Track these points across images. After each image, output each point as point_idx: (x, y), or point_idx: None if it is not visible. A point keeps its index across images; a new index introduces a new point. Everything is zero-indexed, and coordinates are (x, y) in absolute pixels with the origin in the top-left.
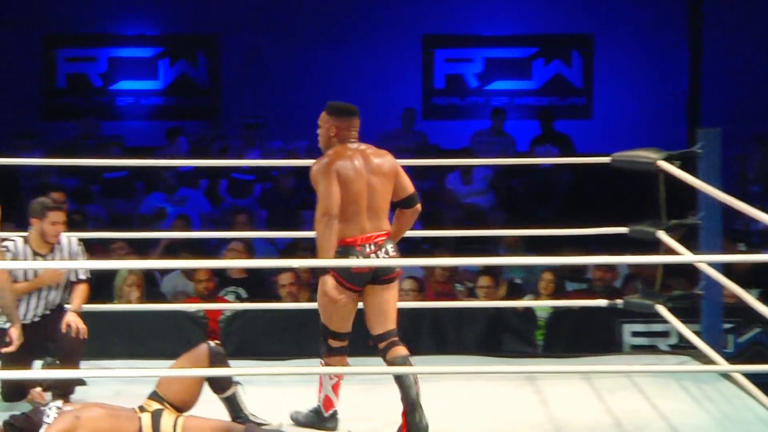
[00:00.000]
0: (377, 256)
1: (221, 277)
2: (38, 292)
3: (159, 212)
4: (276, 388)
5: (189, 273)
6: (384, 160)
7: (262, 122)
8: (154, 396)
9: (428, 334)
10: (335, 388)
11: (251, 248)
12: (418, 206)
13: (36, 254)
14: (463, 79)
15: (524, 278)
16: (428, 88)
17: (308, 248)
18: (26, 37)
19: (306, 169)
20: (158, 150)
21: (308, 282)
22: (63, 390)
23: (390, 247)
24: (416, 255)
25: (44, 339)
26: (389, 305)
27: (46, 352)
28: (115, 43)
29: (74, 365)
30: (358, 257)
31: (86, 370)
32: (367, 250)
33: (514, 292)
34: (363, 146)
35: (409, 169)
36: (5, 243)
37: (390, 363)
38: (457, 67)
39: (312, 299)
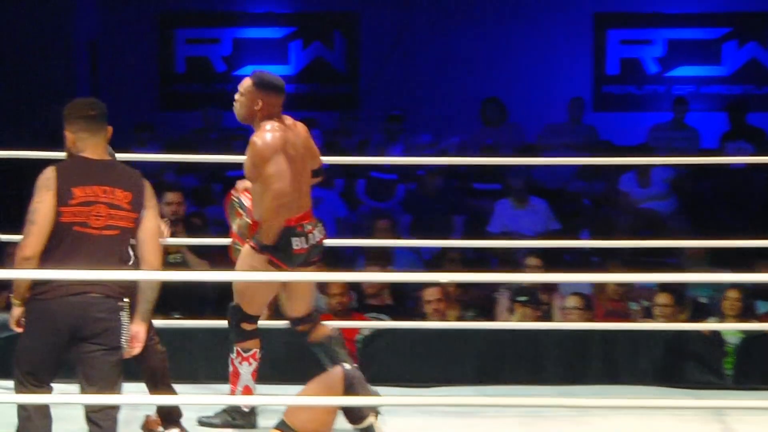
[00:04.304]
0: (314, 235)
1: (359, 295)
2: None
3: None
4: (420, 418)
5: (321, 286)
6: (308, 134)
7: (407, 114)
8: (282, 426)
9: (597, 360)
10: (254, 374)
11: (392, 257)
12: (323, 177)
13: None
14: (640, 65)
15: (710, 297)
16: (600, 74)
17: (458, 259)
18: (142, 16)
19: (458, 168)
20: None
21: (457, 298)
22: (170, 418)
23: (321, 225)
24: (585, 268)
25: None
26: (312, 285)
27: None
28: (240, 22)
29: (168, 389)
30: (299, 238)
31: (204, 395)
32: (307, 229)
33: (699, 313)
34: (290, 120)
35: (576, 169)
36: None
37: (316, 344)
38: (634, 51)
39: (462, 318)
